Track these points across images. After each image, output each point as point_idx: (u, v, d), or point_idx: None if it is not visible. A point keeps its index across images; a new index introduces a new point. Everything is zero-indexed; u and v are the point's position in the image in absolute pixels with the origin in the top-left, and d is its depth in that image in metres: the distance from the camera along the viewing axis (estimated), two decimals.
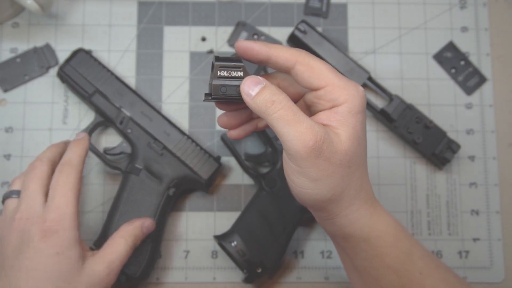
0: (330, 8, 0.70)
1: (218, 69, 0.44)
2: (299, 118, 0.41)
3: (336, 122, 0.43)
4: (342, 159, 0.43)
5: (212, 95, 0.44)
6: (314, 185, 0.43)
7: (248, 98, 0.43)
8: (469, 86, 0.69)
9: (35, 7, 0.63)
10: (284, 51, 0.44)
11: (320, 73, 0.43)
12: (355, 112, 0.43)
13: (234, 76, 0.44)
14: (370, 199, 0.46)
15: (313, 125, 0.41)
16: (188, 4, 0.70)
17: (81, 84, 0.64)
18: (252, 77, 0.43)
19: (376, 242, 0.46)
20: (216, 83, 0.43)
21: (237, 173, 0.66)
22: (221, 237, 0.61)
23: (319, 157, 0.42)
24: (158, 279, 0.64)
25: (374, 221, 0.46)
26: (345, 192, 0.44)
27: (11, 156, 0.66)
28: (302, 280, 0.65)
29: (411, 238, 0.48)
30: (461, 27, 0.70)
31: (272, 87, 0.43)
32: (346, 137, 0.43)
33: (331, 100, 0.43)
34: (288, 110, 0.41)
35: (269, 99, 0.42)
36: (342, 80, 0.44)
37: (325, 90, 0.43)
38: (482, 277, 0.66)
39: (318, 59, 0.44)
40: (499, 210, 0.67)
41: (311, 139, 0.41)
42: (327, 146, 0.42)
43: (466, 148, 0.68)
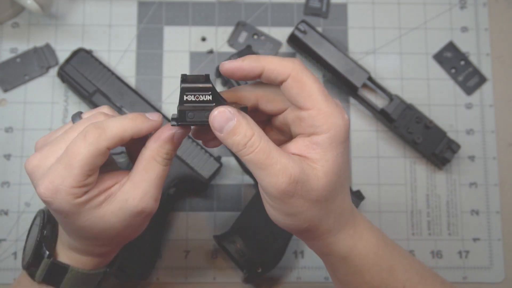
0: (330, 8, 0.70)
1: (184, 93, 0.40)
2: (272, 159, 0.39)
3: (316, 154, 0.40)
4: (319, 195, 0.41)
5: (178, 121, 0.41)
6: (289, 218, 0.42)
7: (219, 134, 0.40)
8: (469, 86, 0.69)
9: (35, 7, 0.63)
10: (277, 63, 0.40)
11: (309, 93, 0.40)
12: (337, 143, 0.40)
13: (201, 100, 0.40)
14: (350, 222, 0.44)
15: (287, 165, 0.39)
16: (188, 4, 0.70)
17: (82, 83, 0.64)
18: (222, 111, 0.39)
19: (355, 260, 0.44)
20: (182, 108, 0.40)
21: (237, 173, 0.66)
22: (221, 237, 0.61)
23: (293, 196, 0.40)
24: (158, 279, 0.64)
25: (353, 241, 0.44)
26: (322, 221, 0.42)
27: (11, 156, 0.66)
28: (302, 280, 0.65)
29: (394, 252, 0.47)
30: (461, 27, 0.70)
31: (243, 125, 0.39)
32: (324, 173, 0.40)
33: (313, 126, 0.40)
34: (260, 152, 0.39)
35: (240, 142, 0.39)
36: (329, 106, 0.40)
37: (309, 114, 0.40)
38: (482, 277, 0.66)
39: (311, 76, 0.41)
40: (499, 210, 0.67)
41: (284, 182, 0.39)
42: (302, 186, 0.39)
43: (466, 148, 0.68)
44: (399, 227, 0.66)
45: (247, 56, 0.41)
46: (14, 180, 0.65)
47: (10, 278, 0.64)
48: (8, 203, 0.65)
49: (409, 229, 0.66)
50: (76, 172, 0.40)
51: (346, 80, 0.66)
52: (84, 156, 0.40)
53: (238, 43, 0.69)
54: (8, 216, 0.65)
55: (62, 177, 0.40)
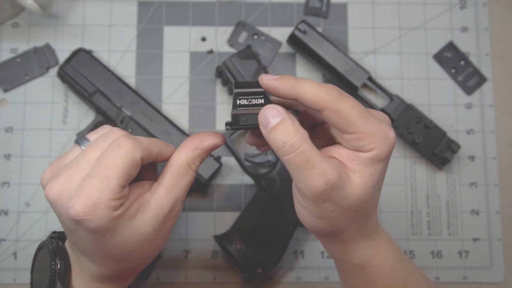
0: (330, 8, 0.70)
1: (237, 97, 0.41)
2: (312, 164, 0.39)
3: (355, 165, 0.41)
4: (351, 204, 0.41)
5: (233, 125, 0.42)
6: (317, 220, 0.42)
7: (264, 130, 0.40)
8: (469, 86, 0.69)
9: (35, 7, 0.63)
10: (312, 94, 0.40)
11: (349, 121, 0.40)
12: (377, 160, 0.41)
13: (254, 104, 0.41)
14: (372, 234, 0.45)
15: (326, 171, 0.39)
16: (188, 4, 0.70)
17: (82, 83, 0.64)
18: (271, 108, 0.40)
19: (371, 271, 0.45)
20: (236, 112, 0.41)
21: (237, 173, 0.66)
22: (221, 237, 0.61)
23: (326, 201, 0.40)
24: (158, 279, 0.64)
25: (371, 252, 0.45)
26: (346, 229, 0.43)
27: (11, 156, 0.66)
28: (302, 280, 0.65)
29: (409, 267, 0.47)
30: (461, 27, 0.70)
31: (288, 124, 0.39)
32: (360, 184, 0.41)
33: (356, 146, 0.41)
34: (299, 155, 0.39)
35: (281, 139, 0.39)
36: (373, 127, 0.40)
37: (352, 137, 0.40)
38: (482, 277, 0.66)
39: (349, 102, 0.40)
40: (499, 210, 0.67)
41: (321, 186, 0.39)
42: (337, 192, 0.40)
43: (466, 148, 0.68)
44: (399, 227, 0.66)
45: (285, 78, 0.41)
46: (14, 180, 0.65)
47: (10, 278, 0.64)
48: (8, 203, 0.65)
49: (409, 229, 0.66)
50: (114, 184, 0.39)
51: (346, 80, 0.66)
52: (121, 167, 0.39)
53: (238, 43, 0.69)
54: (8, 216, 0.65)
55: (99, 190, 0.39)
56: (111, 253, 0.42)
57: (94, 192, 0.39)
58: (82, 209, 0.39)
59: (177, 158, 0.44)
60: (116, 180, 0.39)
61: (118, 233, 0.41)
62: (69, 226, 0.40)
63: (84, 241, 0.41)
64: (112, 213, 0.39)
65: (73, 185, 0.40)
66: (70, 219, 0.39)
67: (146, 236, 0.42)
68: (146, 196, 0.42)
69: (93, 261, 0.43)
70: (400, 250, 0.48)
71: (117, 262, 0.43)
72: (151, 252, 0.45)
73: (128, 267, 0.45)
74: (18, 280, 0.64)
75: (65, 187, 0.40)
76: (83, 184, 0.39)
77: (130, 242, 0.41)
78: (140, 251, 0.43)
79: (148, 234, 0.42)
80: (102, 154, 0.40)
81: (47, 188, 0.41)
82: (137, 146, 0.41)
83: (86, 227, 0.39)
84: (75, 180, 0.40)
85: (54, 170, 0.43)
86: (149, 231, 0.42)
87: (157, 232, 0.43)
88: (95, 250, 0.42)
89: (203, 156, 0.44)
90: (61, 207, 0.40)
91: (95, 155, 0.41)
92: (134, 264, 0.45)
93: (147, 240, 0.42)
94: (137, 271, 0.47)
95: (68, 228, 0.41)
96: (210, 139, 0.44)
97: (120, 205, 0.40)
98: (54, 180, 0.40)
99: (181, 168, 0.43)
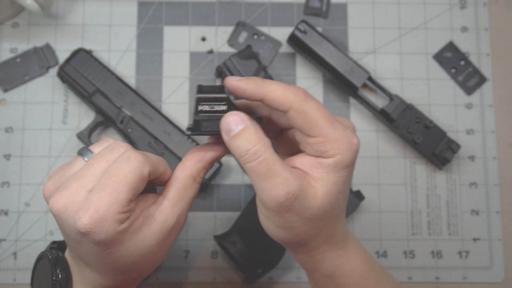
0: (330, 8, 0.70)
1: (199, 103, 0.41)
2: (274, 172, 0.39)
3: (318, 173, 0.40)
4: (314, 214, 0.40)
5: (193, 130, 0.41)
6: (281, 231, 0.42)
7: (226, 137, 0.40)
8: (469, 86, 0.69)
9: (35, 7, 0.63)
10: (278, 94, 0.40)
11: (313, 123, 0.40)
12: (341, 167, 0.40)
13: (217, 110, 0.41)
14: (340, 243, 0.44)
15: (287, 180, 0.39)
16: (188, 4, 0.70)
17: (82, 83, 0.64)
18: (234, 115, 0.40)
19: (340, 280, 0.44)
20: (197, 118, 0.41)
21: (237, 173, 0.66)
22: (221, 237, 0.61)
23: (289, 211, 0.40)
24: (158, 279, 0.64)
25: (341, 261, 0.44)
26: (312, 239, 0.42)
27: (11, 156, 0.66)
28: (302, 280, 0.65)
29: (380, 275, 0.46)
30: (461, 27, 0.70)
31: (250, 131, 0.39)
32: (323, 193, 0.40)
33: (319, 151, 0.40)
34: (262, 163, 0.39)
35: (244, 147, 0.39)
36: (336, 131, 0.40)
37: (315, 140, 0.40)
38: (482, 277, 0.66)
39: (315, 104, 0.40)
40: (499, 210, 0.67)
41: (282, 196, 0.39)
42: (299, 203, 0.39)
43: (466, 148, 0.68)
44: (399, 227, 0.66)
45: (251, 79, 0.41)
46: (14, 180, 0.65)
47: (10, 278, 0.64)
48: (8, 203, 0.65)
49: (409, 229, 0.66)
50: (122, 198, 0.39)
51: (346, 80, 0.66)
52: (130, 180, 0.39)
53: (238, 43, 0.69)
54: (8, 216, 0.65)
55: (107, 204, 0.38)
56: (115, 265, 0.42)
57: (102, 205, 0.38)
58: (89, 222, 0.38)
59: (182, 171, 0.44)
60: (125, 193, 0.39)
61: (123, 246, 0.40)
62: (74, 238, 0.40)
63: (89, 252, 0.41)
64: (118, 227, 0.39)
65: (79, 197, 0.40)
66: (76, 231, 0.39)
67: (150, 248, 0.42)
68: (151, 210, 0.42)
69: (97, 272, 0.43)
70: (373, 260, 0.47)
71: (120, 273, 0.43)
72: (154, 263, 0.45)
73: (131, 278, 0.45)
74: (18, 280, 0.64)
75: (71, 200, 0.40)
76: (90, 196, 0.39)
77: (134, 254, 0.41)
78: (144, 263, 0.43)
79: (153, 246, 0.42)
80: (110, 167, 0.40)
81: (52, 200, 0.40)
82: (145, 161, 0.40)
83: (92, 239, 0.39)
84: (81, 192, 0.40)
85: (57, 182, 0.42)
86: (154, 244, 0.42)
87: (161, 245, 0.43)
88: (100, 262, 0.42)
89: (207, 168, 0.44)
90: (67, 219, 0.40)
91: (101, 167, 0.41)
92: (137, 275, 0.45)
93: (151, 252, 0.42)
94: (139, 281, 0.47)
95: (73, 240, 0.41)
96: (214, 150, 0.44)
97: (126, 219, 0.40)
98: (59, 192, 0.40)
99: (186, 181, 0.43)
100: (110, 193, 0.39)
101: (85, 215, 0.38)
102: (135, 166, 0.40)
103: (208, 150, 0.44)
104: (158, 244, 0.42)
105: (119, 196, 0.39)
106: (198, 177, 0.44)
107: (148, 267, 0.44)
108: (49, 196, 0.42)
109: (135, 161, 0.40)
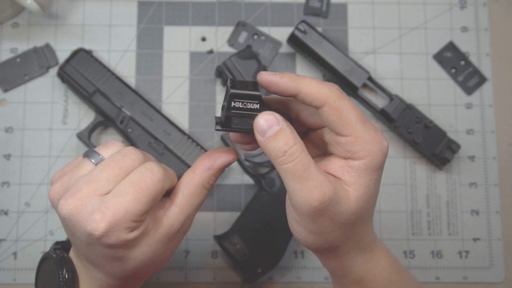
0: (330, 8, 0.70)
1: (232, 99, 0.40)
2: (309, 175, 0.38)
3: (350, 177, 0.40)
4: (347, 219, 0.40)
5: (224, 126, 0.41)
6: (312, 236, 0.41)
7: (260, 137, 0.39)
8: (469, 86, 0.69)
9: (35, 7, 0.63)
10: (314, 89, 0.39)
11: (347, 121, 0.39)
12: (372, 170, 0.40)
13: (249, 108, 0.40)
14: (369, 247, 0.44)
15: (322, 183, 0.38)
16: (188, 4, 0.70)
17: (82, 83, 0.64)
18: (269, 115, 0.39)
19: (368, 285, 0.44)
20: (229, 115, 0.40)
21: (237, 173, 0.66)
22: (221, 237, 0.61)
23: (322, 216, 0.39)
24: (158, 279, 0.64)
25: (369, 266, 0.44)
26: (343, 244, 0.42)
27: (11, 156, 0.66)
28: (302, 280, 0.65)
29: (407, 280, 0.47)
30: (461, 27, 0.70)
31: (287, 132, 0.38)
32: (356, 197, 0.40)
33: (350, 152, 0.40)
34: (298, 164, 0.38)
35: (281, 148, 0.38)
36: (367, 132, 0.39)
37: (347, 140, 0.39)
38: (482, 277, 0.66)
39: (349, 102, 0.40)
40: (499, 210, 0.67)
41: (317, 200, 0.38)
42: (333, 207, 0.39)
43: (466, 148, 0.68)
44: (399, 227, 0.66)
45: (285, 74, 0.40)
46: (14, 180, 0.65)
47: (10, 278, 0.64)
48: (8, 203, 0.65)
49: (409, 229, 0.66)
50: (140, 208, 0.39)
51: (346, 80, 0.66)
52: (151, 192, 0.40)
53: (238, 43, 0.69)
54: (8, 216, 0.65)
55: (125, 210, 0.39)
56: (122, 267, 0.42)
57: (120, 210, 0.39)
58: (104, 225, 0.39)
59: (192, 177, 0.44)
60: (144, 204, 0.40)
61: (132, 250, 0.41)
62: (83, 240, 0.40)
63: (98, 255, 0.41)
64: (128, 234, 0.40)
65: (92, 201, 0.40)
66: (87, 234, 0.39)
67: (156, 252, 0.42)
68: (159, 214, 0.42)
69: (104, 272, 0.43)
70: (398, 261, 0.47)
71: (127, 274, 0.43)
72: (159, 265, 0.45)
73: (136, 278, 0.45)
74: (18, 280, 0.64)
75: (83, 203, 0.40)
76: (107, 200, 0.39)
77: (141, 258, 0.42)
78: (149, 265, 0.43)
79: (158, 250, 0.42)
80: (133, 175, 0.40)
81: (62, 202, 0.40)
82: (167, 176, 0.41)
83: (103, 242, 0.39)
84: (94, 196, 0.40)
85: (65, 184, 0.42)
86: (159, 247, 0.42)
87: (166, 248, 0.43)
88: (107, 263, 0.42)
89: (217, 175, 0.44)
90: (78, 222, 0.40)
91: (115, 173, 0.41)
92: (143, 275, 0.45)
93: (157, 255, 0.43)
94: (144, 280, 0.48)
95: (82, 242, 0.41)
96: (223, 157, 0.44)
97: (137, 228, 0.40)
98: (71, 195, 0.40)
99: (195, 188, 0.43)
100: (129, 200, 0.39)
101: (102, 219, 0.39)
102: (158, 179, 0.40)
103: (217, 158, 0.44)
104: (163, 247, 0.43)
105: (138, 205, 0.39)
106: (207, 184, 0.44)
107: (154, 268, 0.45)
108: (57, 198, 0.42)
109: (159, 174, 0.40)
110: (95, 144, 0.65)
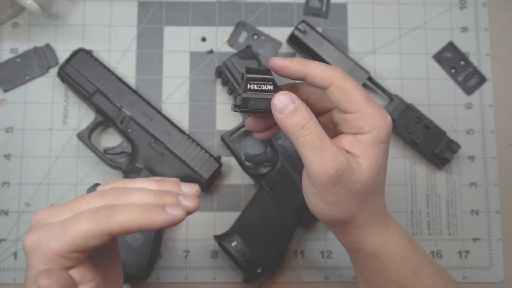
0: (330, 8, 0.70)
1: (248, 82, 0.44)
2: (325, 145, 0.42)
3: (359, 151, 0.43)
4: (360, 188, 0.43)
5: (241, 107, 0.44)
6: (329, 207, 0.44)
7: (279, 115, 0.43)
8: (469, 86, 0.69)
9: (35, 7, 0.63)
10: (321, 71, 0.43)
11: (352, 99, 0.43)
12: (378, 143, 0.43)
13: (263, 89, 0.44)
14: (383, 220, 0.47)
15: (336, 153, 0.42)
16: (188, 4, 0.70)
17: (82, 83, 0.64)
18: (285, 94, 0.42)
19: (384, 258, 0.47)
20: (246, 96, 0.44)
21: (237, 173, 0.66)
22: (221, 237, 0.61)
23: (338, 184, 0.42)
24: (158, 279, 0.64)
25: (384, 239, 0.47)
26: (358, 215, 0.45)
27: (11, 156, 0.66)
28: (302, 280, 0.65)
29: (421, 255, 0.49)
30: (461, 27, 0.70)
31: (303, 109, 0.42)
32: (367, 167, 0.43)
33: (357, 127, 0.43)
34: (315, 136, 0.42)
35: (299, 123, 0.42)
36: (372, 108, 0.43)
37: (353, 116, 0.43)
38: (482, 277, 0.66)
39: (353, 82, 0.44)
40: (499, 210, 0.67)
41: (333, 168, 0.42)
42: (347, 175, 0.42)
43: (466, 148, 0.68)
44: None
45: (295, 58, 0.44)
46: (14, 180, 0.65)
47: (10, 278, 0.64)
48: (8, 203, 0.65)
49: (409, 229, 0.66)
50: (65, 241, 0.37)
51: None
52: (81, 231, 0.37)
53: (238, 43, 0.69)
54: (8, 216, 0.65)
55: (51, 237, 0.37)
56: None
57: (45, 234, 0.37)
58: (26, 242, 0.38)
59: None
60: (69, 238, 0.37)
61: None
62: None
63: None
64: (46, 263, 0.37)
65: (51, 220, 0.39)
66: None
67: None
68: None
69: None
70: (412, 239, 0.49)
71: None
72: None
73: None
74: (18, 280, 0.64)
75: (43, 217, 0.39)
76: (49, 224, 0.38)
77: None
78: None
79: None
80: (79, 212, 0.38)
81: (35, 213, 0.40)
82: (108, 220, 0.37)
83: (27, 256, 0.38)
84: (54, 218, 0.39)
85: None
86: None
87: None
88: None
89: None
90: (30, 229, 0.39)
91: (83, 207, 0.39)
92: None
93: None
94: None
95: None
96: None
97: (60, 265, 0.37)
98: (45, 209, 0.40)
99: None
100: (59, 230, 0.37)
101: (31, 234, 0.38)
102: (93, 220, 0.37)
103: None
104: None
105: (62, 239, 0.37)
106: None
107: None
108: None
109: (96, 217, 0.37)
110: (94, 144, 0.65)
